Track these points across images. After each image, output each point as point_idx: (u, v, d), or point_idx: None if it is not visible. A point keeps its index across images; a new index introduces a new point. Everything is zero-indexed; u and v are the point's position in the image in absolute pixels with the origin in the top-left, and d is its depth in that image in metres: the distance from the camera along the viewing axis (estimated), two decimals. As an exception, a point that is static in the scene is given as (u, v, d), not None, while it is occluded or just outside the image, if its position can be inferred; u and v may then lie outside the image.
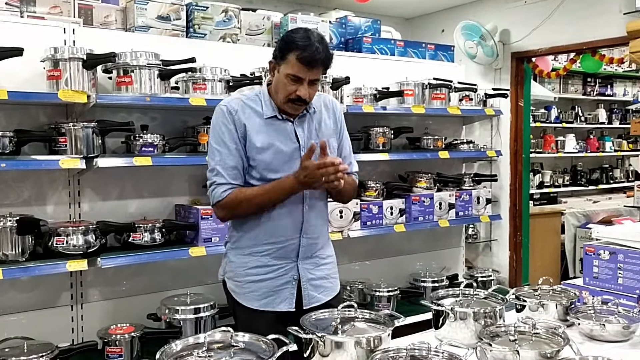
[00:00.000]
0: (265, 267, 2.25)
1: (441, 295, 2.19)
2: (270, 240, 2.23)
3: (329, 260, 2.41)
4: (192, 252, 3.11)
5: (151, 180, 3.36)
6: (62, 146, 2.84)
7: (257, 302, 2.25)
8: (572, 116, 7.61)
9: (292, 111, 2.22)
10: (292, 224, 2.24)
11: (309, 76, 2.13)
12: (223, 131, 2.18)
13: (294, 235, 2.25)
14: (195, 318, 3.05)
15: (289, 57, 2.11)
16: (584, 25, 4.73)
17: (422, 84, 4.15)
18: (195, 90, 3.20)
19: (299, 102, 2.17)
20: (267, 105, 2.24)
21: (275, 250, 2.24)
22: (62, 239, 2.84)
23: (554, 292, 2.32)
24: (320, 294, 2.32)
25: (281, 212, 2.22)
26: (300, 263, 2.28)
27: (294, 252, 2.27)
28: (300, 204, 2.24)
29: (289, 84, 2.14)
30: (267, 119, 2.22)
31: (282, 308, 2.25)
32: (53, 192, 3.08)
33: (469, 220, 4.55)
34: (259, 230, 2.23)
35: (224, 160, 2.17)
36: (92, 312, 3.18)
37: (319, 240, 2.33)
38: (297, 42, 2.09)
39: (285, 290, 2.26)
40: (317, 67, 2.13)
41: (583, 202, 7.36)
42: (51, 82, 2.86)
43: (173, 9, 3.47)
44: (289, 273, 2.27)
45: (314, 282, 2.31)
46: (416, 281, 4.17)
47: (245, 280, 2.26)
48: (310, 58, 2.08)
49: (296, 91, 2.14)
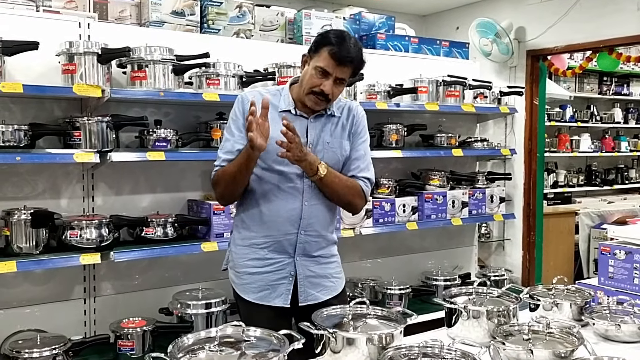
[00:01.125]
0: (262, 259, 2.26)
1: (454, 293, 2.18)
2: (268, 233, 2.24)
3: (333, 260, 2.39)
4: (204, 247, 3.11)
5: (164, 175, 3.37)
6: (76, 140, 2.86)
7: (254, 295, 2.26)
8: (587, 115, 7.54)
9: (312, 104, 2.20)
10: (290, 219, 2.23)
11: (337, 73, 2.14)
12: (232, 119, 2.25)
13: (291, 231, 2.24)
14: (206, 313, 3.06)
15: (322, 51, 2.14)
16: (601, 23, 4.67)
17: (436, 81, 4.12)
18: (208, 85, 3.21)
19: (321, 96, 2.17)
20: (285, 100, 2.25)
21: (272, 244, 2.25)
22: (75, 233, 2.85)
23: (568, 292, 2.30)
24: (319, 292, 2.31)
25: (280, 205, 2.22)
26: (298, 259, 2.27)
27: (291, 247, 2.26)
28: (299, 199, 2.23)
29: (316, 77, 2.16)
30: (281, 112, 2.23)
31: (277, 303, 2.25)
32: (67, 186, 3.10)
33: (482, 219, 4.52)
34: (258, 222, 2.25)
35: (224, 146, 2.23)
36: (105, 306, 3.20)
37: (319, 239, 2.31)
38: (332, 38, 2.14)
39: (282, 285, 2.26)
40: (346, 65, 2.14)
41: (597, 202, 7.29)
42: (66, 76, 2.87)
43: (187, 4, 3.47)
44: (286, 268, 2.26)
45: (312, 279, 2.30)
46: (428, 279, 4.15)
47: (244, 272, 2.28)
48: (341, 55, 2.11)
49: (321, 85, 2.15)
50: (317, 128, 2.27)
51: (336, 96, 2.23)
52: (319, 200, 2.27)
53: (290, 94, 2.27)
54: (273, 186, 2.22)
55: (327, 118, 2.30)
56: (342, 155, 2.31)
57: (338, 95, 2.24)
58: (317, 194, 2.26)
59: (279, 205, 2.22)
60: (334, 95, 2.20)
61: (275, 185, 2.22)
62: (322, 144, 2.27)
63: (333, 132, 2.30)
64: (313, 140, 2.25)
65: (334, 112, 2.31)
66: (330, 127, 2.30)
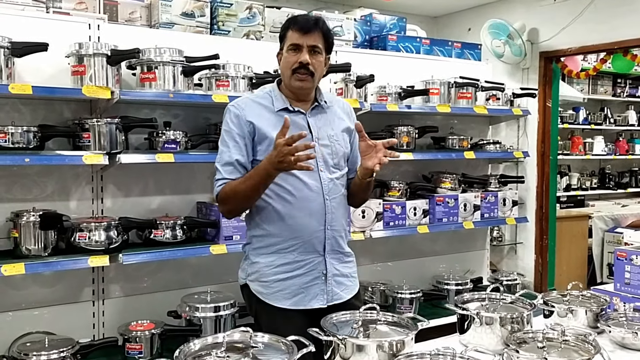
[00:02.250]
0: (293, 263, 2.20)
1: (466, 299, 2.13)
2: (295, 234, 2.19)
3: (351, 258, 2.38)
4: (213, 250, 3.09)
5: (173, 177, 3.35)
6: (85, 142, 2.85)
7: (288, 301, 2.19)
8: (601, 118, 7.45)
9: (299, 84, 2.17)
10: (316, 217, 2.20)
11: (307, 41, 2.13)
12: (225, 130, 2.22)
13: (318, 228, 2.21)
14: (215, 316, 3.03)
15: (287, 34, 2.18)
16: (616, 24, 4.61)
17: (447, 83, 4.08)
18: (218, 87, 3.19)
19: (303, 70, 2.15)
20: (278, 99, 2.23)
21: (301, 245, 2.20)
22: (84, 235, 2.84)
23: (583, 298, 2.25)
24: (342, 291, 2.29)
25: (303, 206, 2.18)
26: (328, 257, 2.25)
27: (320, 245, 2.22)
28: (320, 195, 2.21)
29: (290, 56, 2.16)
30: (278, 112, 2.20)
31: (314, 305, 2.20)
32: (76, 188, 3.09)
33: (494, 222, 4.46)
34: (282, 226, 2.19)
35: (221, 157, 2.19)
36: (113, 308, 3.19)
37: (342, 232, 2.30)
38: (290, 19, 2.20)
39: (315, 286, 2.22)
40: (313, 32, 2.14)
41: (611, 205, 7.20)
42: (75, 78, 2.87)
43: (197, 5, 3.46)
44: (317, 268, 2.22)
45: (338, 278, 2.28)
46: (439, 284, 4.10)
47: (273, 280, 2.20)
48: (304, 24, 2.14)
49: (297, 60, 2.14)
50: (318, 121, 2.26)
51: (318, 69, 2.19)
52: (337, 193, 2.27)
53: (281, 93, 2.25)
54: (291, 187, 2.18)
55: (323, 109, 2.29)
56: (346, 148, 2.31)
57: (320, 69, 2.21)
58: (336, 187, 2.26)
59: (302, 204, 2.18)
60: (315, 66, 2.17)
61: (294, 187, 2.18)
62: (327, 138, 2.25)
63: (333, 125, 2.29)
64: (318, 135, 2.23)
65: (326, 101, 2.30)
66: (330, 119, 2.29)
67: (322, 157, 2.22)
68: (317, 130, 2.24)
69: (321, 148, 2.22)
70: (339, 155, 2.27)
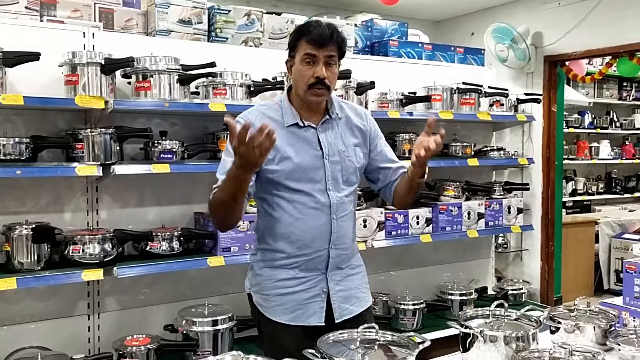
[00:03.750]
0: (293, 279, 2.14)
1: (469, 315, 2.06)
2: (299, 252, 2.13)
3: (359, 270, 2.30)
4: (211, 262, 3.02)
5: (170, 188, 3.29)
6: (79, 153, 2.79)
7: (286, 316, 2.14)
8: (606, 122, 7.38)
9: (315, 99, 2.09)
10: (321, 235, 2.13)
11: (323, 53, 2.04)
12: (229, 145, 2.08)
13: (322, 247, 2.14)
14: (213, 331, 2.96)
15: (299, 44, 2.06)
16: (621, 27, 4.54)
17: (450, 89, 4.01)
18: (215, 95, 3.13)
19: (320, 85, 2.06)
20: (288, 113, 2.14)
21: (303, 262, 2.14)
22: (78, 248, 2.78)
23: (591, 313, 2.16)
24: (353, 305, 2.21)
25: (308, 224, 2.12)
26: (330, 275, 2.18)
27: (322, 263, 2.16)
28: (327, 214, 2.13)
29: (305, 69, 2.06)
30: (288, 127, 2.13)
31: (312, 322, 2.14)
32: (71, 199, 3.03)
33: (499, 230, 4.38)
34: (286, 243, 2.13)
35: (222, 167, 2.06)
36: (109, 322, 3.12)
37: (348, 250, 2.22)
38: (303, 28, 2.08)
39: (314, 303, 2.15)
40: (328, 44, 2.04)
41: (618, 210, 7.11)
42: (69, 87, 2.81)
43: (194, 12, 3.40)
44: (318, 285, 2.16)
45: (343, 293, 2.20)
46: (443, 294, 4.02)
47: (273, 294, 2.15)
48: (319, 35, 2.03)
49: (313, 74, 2.05)
50: (328, 137, 2.17)
51: (333, 81, 2.11)
52: (345, 211, 2.19)
53: (291, 105, 2.16)
54: (299, 204, 2.11)
55: (333, 122, 2.20)
56: (357, 163, 2.22)
57: (335, 81, 2.13)
58: (344, 205, 2.18)
59: (307, 223, 2.11)
60: (331, 80, 2.09)
61: (302, 204, 2.11)
62: (338, 154, 2.17)
63: (344, 138, 2.20)
64: (328, 152, 2.15)
65: (337, 113, 2.21)
66: (340, 133, 2.20)
67: (332, 175, 2.14)
68: (327, 146, 2.15)
69: (331, 165, 2.14)
70: (349, 171, 2.19)
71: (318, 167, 2.12)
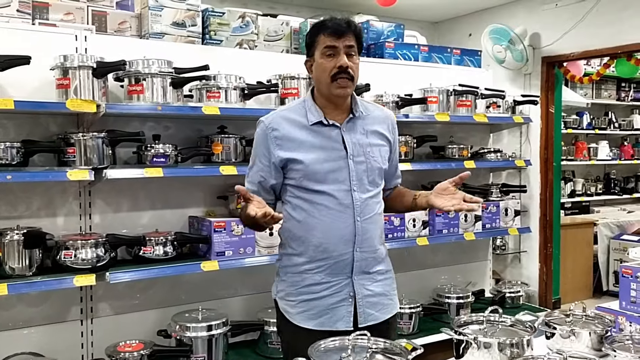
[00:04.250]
0: (319, 284, 2.10)
1: (464, 321, 2.03)
2: (323, 256, 2.09)
3: (388, 275, 2.24)
4: (204, 267, 2.99)
5: (165, 191, 3.26)
6: (70, 157, 2.76)
7: (312, 322, 2.10)
8: (605, 122, 7.35)
9: (340, 91, 2.06)
10: (345, 239, 2.09)
11: (343, 43, 2.02)
12: (256, 148, 2.15)
13: (346, 250, 2.09)
14: (207, 336, 2.94)
15: (318, 40, 2.06)
16: (619, 28, 4.52)
17: (446, 91, 3.98)
18: (209, 98, 3.10)
19: (344, 74, 2.03)
20: (312, 112, 2.11)
21: (328, 267, 2.10)
22: (70, 253, 2.75)
23: (587, 318, 2.14)
24: (378, 311, 2.17)
25: (332, 227, 2.08)
26: (356, 278, 2.13)
27: (348, 267, 2.11)
28: (351, 216, 2.09)
29: (326, 62, 2.04)
30: (312, 126, 2.09)
31: (340, 327, 2.08)
32: (63, 204, 3.00)
33: (496, 233, 4.35)
34: (309, 246, 2.10)
35: (249, 173, 2.17)
36: (103, 327, 3.10)
37: (375, 254, 2.17)
38: (318, 24, 2.08)
39: (342, 308, 2.11)
40: (347, 34, 2.02)
41: (617, 211, 7.09)
42: (60, 91, 2.79)
43: (188, 15, 3.38)
44: (344, 290, 2.11)
45: (370, 299, 2.15)
46: (440, 297, 3.99)
47: (299, 300, 2.12)
48: (337, 25, 2.02)
49: (336, 64, 2.02)
50: (352, 136, 2.13)
51: (356, 71, 2.08)
52: (371, 213, 2.14)
53: (315, 104, 2.13)
54: (322, 207, 2.08)
55: (358, 121, 2.16)
56: (382, 163, 2.18)
57: (358, 72, 2.09)
58: (369, 207, 2.13)
59: (331, 225, 2.08)
60: (353, 69, 2.06)
61: (324, 206, 2.08)
62: (363, 155, 2.12)
63: (369, 138, 2.16)
64: (353, 151, 2.11)
65: (362, 111, 2.17)
66: (365, 132, 2.16)
67: (357, 176, 2.10)
68: (351, 146, 2.11)
69: (356, 166, 2.10)
70: (375, 172, 2.14)
71: (342, 167, 2.09)
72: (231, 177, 3.23)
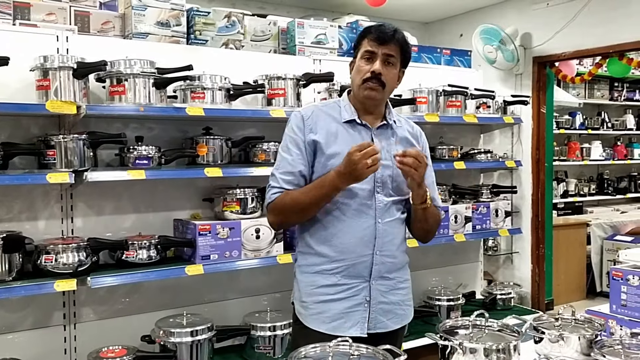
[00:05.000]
0: (335, 286, 2.04)
1: (450, 325, 1.98)
2: (341, 257, 2.04)
3: (406, 285, 2.19)
4: (189, 271, 2.94)
5: (149, 194, 3.21)
6: (51, 159, 2.71)
7: (325, 325, 2.03)
8: (598, 122, 7.33)
9: (368, 93, 2.04)
10: (364, 240, 2.04)
11: (382, 50, 2.01)
12: (289, 137, 2.09)
13: (366, 252, 2.04)
14: (191, 341, 2.88)
15: (362, 43, 2.06)
16: (611, 27, 4.49)
17: (436, 91, 3.94)
18: (193, 99, 3.05)
19: (374, 80, 2.02)
20: (347, 110, 2.09)
21: (345, 268, 2.04)
22: (50, 257, 2.70)
23: (576, 322, 2.09)
24: (389, 320, 2.11)
25: (352, 226, 2.04)
26: (374, 283, 2.07)
27: (366, 270, 2.05)
28: (372, 217, 2.05)
29: (363, 65, 2.04)
30: (345, 123, 2.07)
31: (353, 333, 2.01)
32: (45, 207, 2.94)
33: (486, 234, 4.31)
34: (328, 246, 2.05)
35: (281, 165, 2.06)
36: (86, 333, 3.04)
37: (395, 260, 2.11)
38: (367, 28, 2.08)
39: (357, 313, 2.05)
40: (389, 42, 2.01)
41: (610, 212, 7.07)
42: (40, 93, 2.73)
43: (173, 14, 3.32)
44: (361, 294, 2.06)
45: (384, 306, 2.10)
46: (430, 299, 3.94)
47: (313, 301, 2.06)
48: (380, 33, 2.02)
49: (370, 69, 2.02)
50: (382, 141, 2.10)
51: (390, 81, 2.05)
52: (392, 216, 2.09)
53: (350, 104, 2.11)
54: (343, 205, 2.03)
55: (390, 128, 2.13)
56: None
57: (393, 82, 2.08)
58: (390, 211, 2.09)
59: (351, 225, 2.03)
60: (387, 77, 2.03)
61: (346, 205, 2.03)
62: (390, 159, 2.06)
63: (398, 146, 2.12)
64: (381, 154, 2.03)
65: (394, 121, 2.15)
66: (395, 141, 2.13)
67: (381, 179, 2.07)
68: (379, 148, 2.03)
69: (382, 169, 2.05)
70: (400, 180, 2.08)
71: None
72: (217, 179, 3.19)
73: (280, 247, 3.21)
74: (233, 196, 3.15)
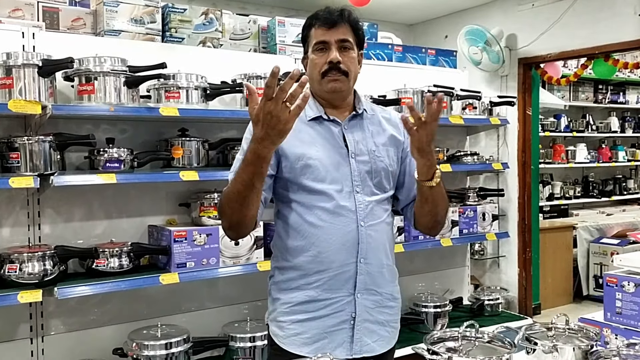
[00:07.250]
0: (314, 302, 1.82)
1: (438, 337, 1.86)
2: (320, 267, 1.81)
3: (395, 303, 1.97)
4: (163, 280, 2.79)
5: (121, 199, 3.05)
6: (14, 163, 2.55)
7: (307, 347, 1.80)
8: (583, 125, 7.31)
9: (332, 86, 1.83)
10: (346, 246, 1.82)
11: (334, 36, 1.82)
12: (245, 138, 1.83)
13: (348, 261, 1.82)
14: (166, 354, 2.73)
15: (310, 34, 1.87)
16: (596, 28, 4.44)
17: (421, 92, 3.83)
18: (167, 99, 2.91)
19: (334, 70, 1.82)
20: (311, 106, 1.87)
21: (326, 280, 1.82)
22: (14, 267, 2.54)
23: (570, 332, 1.98)
24: (375, 342, 1.89)
25: (331, 233, 1.81)
26: (359, 297, 1.84)
27: (350, 281, 1.83)
28: (354, 220, 1.82)
29: (317, 58, 1.84)
30: (310, 121, 1.86)
31: (339, 355, 1.80)
32: (9, 213, 2.78)
33: (473, 238, 4.21)
34: (305, 257, 1.83)
35: (233, 167, 1.81)
36: (55, 346, 2.87)
37: (382, 269, 1.89)
38: (311, 16, 1.89)
39: (342, 331, 1.84)
40: (339, 24, 1.82)
41: (596, 214, 7.03)
42: (3, 92, 2.56)
43: (147, 11, 3.18)
44: (345, 309, 1.84)
45: (370, 325, 1.88)
46: (417, 306, 3.81)
47: (291, 320, 1.83)
48: (327, 17, 1.83)
49: (326, 60, 1.82)
50: (355, 134, 1.89)
51: (352, 67, 1.85)
52: (376, 219, 1.86)
53: (315, 100, 1.89)
54: (319, 210, 1.81)
55: (361, 119, 1.93)
56: (390, 165, 1.91)
57: (354, 67, 1.87)
58: (374, 212, 1.86)
59: (329, 232, 1.81)
60: (348, 64, 1.83)
61: (322, 209, 1.81)
62: (367, 154, 1.88)
63: (375, 138, 1.92)
64: (355, 150, 1.87)
65: (365, 109, 1.94)
66: (370, 131, 1.93)
67: (360, 176, 1.85)
68: (354, 144, 1.87)
69: (359, 165, 1.86)
70: (381, 174, 1.89)
71: (343, 165, 1.84)
72: (193, 183, 3.05)
73: (261, 253, 3.07)
74: (210, 201, 3.00)
